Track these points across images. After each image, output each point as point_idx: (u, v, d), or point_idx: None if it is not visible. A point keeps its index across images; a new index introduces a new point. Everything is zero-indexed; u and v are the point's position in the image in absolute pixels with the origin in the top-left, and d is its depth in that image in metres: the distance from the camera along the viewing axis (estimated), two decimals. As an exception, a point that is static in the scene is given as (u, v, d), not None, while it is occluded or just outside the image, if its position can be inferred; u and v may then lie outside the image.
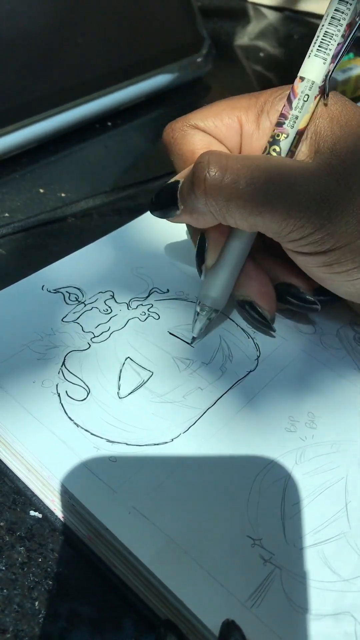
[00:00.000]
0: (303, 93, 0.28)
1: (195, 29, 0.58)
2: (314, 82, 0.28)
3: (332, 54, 0.28)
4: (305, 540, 0.24)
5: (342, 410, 0.29)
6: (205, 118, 0.30)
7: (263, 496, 0.26)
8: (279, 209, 0.26)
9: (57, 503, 0.26)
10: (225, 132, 0.30)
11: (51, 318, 0.32)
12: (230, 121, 0.30)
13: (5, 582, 0.25)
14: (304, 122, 0.28)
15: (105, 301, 0.34)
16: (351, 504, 0.26)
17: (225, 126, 0.30)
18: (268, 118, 0.29)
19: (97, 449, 0.26)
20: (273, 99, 0.29)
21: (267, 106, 0.29)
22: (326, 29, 0.27)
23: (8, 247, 0.41)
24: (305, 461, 0.27)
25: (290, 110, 0.28)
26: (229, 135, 0.30)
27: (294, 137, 0.28)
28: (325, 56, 0.28)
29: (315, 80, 0.28)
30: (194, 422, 0.28)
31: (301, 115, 0.28)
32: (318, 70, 0.28)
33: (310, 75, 0.28)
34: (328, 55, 0.28)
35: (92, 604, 0.24)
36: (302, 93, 0.28)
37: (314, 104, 0.28)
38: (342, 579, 0.23)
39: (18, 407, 0.28)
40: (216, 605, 0.22)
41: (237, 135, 0.30)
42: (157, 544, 0.24)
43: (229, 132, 0.30)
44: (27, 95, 0.47)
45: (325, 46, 0.28)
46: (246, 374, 0.31)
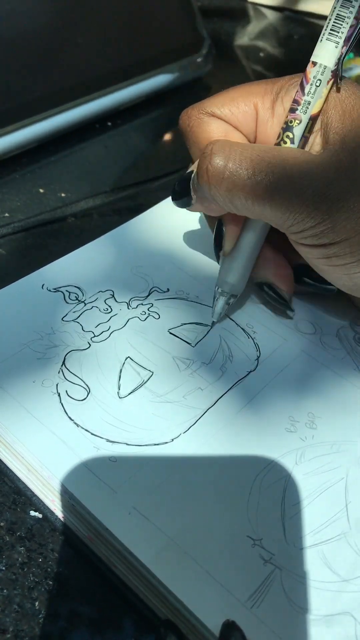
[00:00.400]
0: (315, 78, 0.28)
1: (195, 29, 0.58)
2: (327, 66, 0.28)
3: (344, 37, 0.27)
4: (306, 540, 0.24)
5: (342, 411, 0.29)
6: (222, 105, 0.30)
7: (263, 496, 0.26)
8: (279, 202, 0.26)
9: (57, 503, 0.26)
10: (241, 119, 0.30)
11: (51, 317, 0.32)
12: (247, 108, 0.30)
13: (5, 582, 0.25)
14: (317, 108, 0.28)
15: (105, 300, 0.34)
16: (351, 504, 0.26)
17: (241, 113, 0.30)
18: (282, 105, 0.29)
19: (97, 449, 0.26)
20: (288, 85, 0.29)
21: (282, 92, 0.29)
22: (338, 12, 0.27)
23: (8, 247, 0.41)
24: (305, 461, 0.27)
25: (303, 95, 0.28)
26: (244, 122, 0.30)
27: (307, 123, 0.28)
28: (338, 39, 0.27)
29: (328, 65, 0.28)
30: (194, 422, 0.28)
31: (314, 100, 0.28)
32: (330, 54, 0.28)
33: (323, 60, 0.28)
34: (340, 38, 0.27)
35: (92, 604, 0.24)
36: (314, 78, 0.28)
37: (327, 89, 0.28)
38: (342, 579, 0.23)
39: (18, 406, 0.28)
40: (216, 605, 0.22)
41: (253, 122, 0.30)
42: (157, 544, 0.24)
43: (245, 118, 0.30)
44: (27, 95, 0.47)
45: (337, 29, 0.27)
46: (246, 374, 0.31)
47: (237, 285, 0.32)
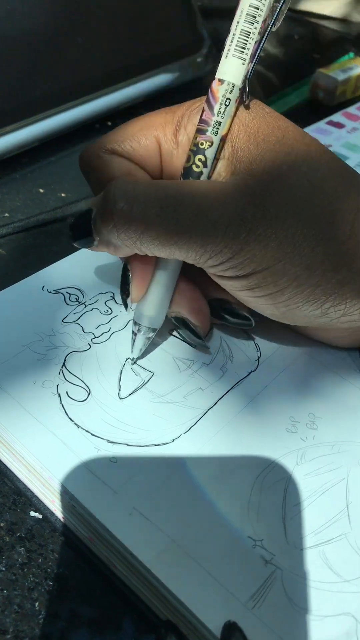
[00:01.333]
0: (224, 97, 0.26)
1: (195, 28, 0.58)
2: (235, 84, 0.26)
3: (250, 53, 0.26)
4: (307, 541, 0.24)
5: (343, 411, 0.29)
6: (122, 141, 0.28)
7: (264, 497, 0.26)
8: (193, 238, 0.25)
9: (58, 504, 0.26)
10: (143, 154, 0.28)
11: (51, 319, 0.32)
12: (148, 142, 0.28)
13: (5, 582, 0.25)
14: (226, 128, 0.27)
15: (105, 302, 0.34)
16: (352, 505, 0.26)
17: (143, 148, 0.28)
18: (186, 133, 0.28)
19: (97, 450, 0.26)
20: (190, 112, 0.28)
21: (184, 120, 0.28)
22: (243, 27, 0.26)
23: (8, 247, 0.41)
24: (306, 462, 0.27)
25: (213, 115, 0.26)
26: (147, 157, 0.28)
27: (218, 145, 0.27)
28: (244, 56, 0.26)
29: (236, 83, 0.26)
30: (194, 422, 0.28)
31: (224, 120, 0.26)
32: (238, 72, 0.26)
33: (231, 77, 0.26)
34: (247, 55, 0.26)
35: (92, 604, 0.24)
36: (223, 97, 0.26)
37: (234, 108, 0.27)
38: (343, 579, 0.23)
39: (18, 407, 0.28)
40: (217, 606, 0.22)
41: (156, 156, 0.28)
42: (158, 544, 0.24)
43: (147, 153, 0.28)
44: (27, 95, 0.47)
45: (243, 45, 0.26)
46: (247, 374, 0.31)
47: (156, 317, 0.29)
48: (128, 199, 0.25)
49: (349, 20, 0.79)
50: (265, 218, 0.25)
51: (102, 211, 0.26)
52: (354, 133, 0.55)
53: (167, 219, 0.25)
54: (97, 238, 0.27)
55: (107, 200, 0.26)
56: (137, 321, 0.30)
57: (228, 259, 0.25)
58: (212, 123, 0.26)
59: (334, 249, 0.26)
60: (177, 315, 0.30)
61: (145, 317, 0.29)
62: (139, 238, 0.25)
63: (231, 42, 0.26)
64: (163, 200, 0.25)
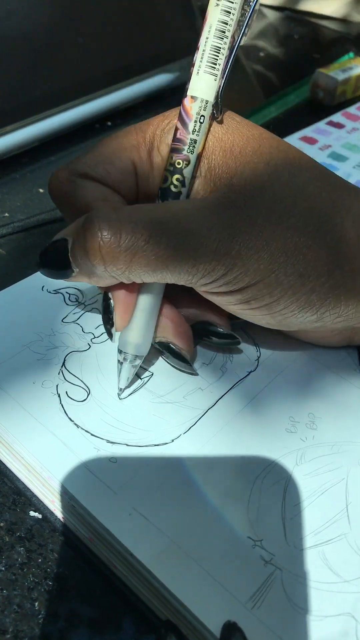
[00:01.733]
0: (198, 114, 0.26)
1: (195, 28, 0.58)
2: (208, 101, 0.26)
3: (221, 68, 0.26)
4: (306, 541, 0.24)
5: (343, 411, 0.29)
6: (95, 165, 0.27)
7: (264, 497, 0.26)
8: (185, 259, 0.24)
9: (57, 504, 0.26)
10: (119, 178, 0.27)
11: (51, 319, 0.32)
12: (123, 165, 0.27)
13: (5, 582, 0.25)
14: (202, 145, 0.26)
15: (105, 301, 0.34)
16: (352, 505, 0.26)
17: (118, 171, 0.27)
18: (159, 153, 0.27)
19: (97, 450, 0.26)
20: (161, 132, 0.27)
21: (156, 141, 0.27)
22: (213, 42, 0.25)
23: (8, 247, 0.41)
24: (305, 462, 0.27)
25: (188, 134, 0.26)
26: (123, 180, 0.27)
27: (195, 163, 0.26)
28: (215, 72, 0.26)
29: (209, 99, 0.26)
30: (194, 422, 0.28)
31: (199, 138, 0.26)
32: (210, 88, 0.26)
33: (203, 94, 0.26)
34: (218, 70, 0.26)
35: (92, 604, 0.24)
36: (197, 114, 0.26)
37: (209, 125, 0.26)
38: (342, 580, 0.23)
39: (18, 407, 0.28)
40: (217, 606, 0.22)
41: (132, 179, 0.28)
42: (158, 545, 0.24)
43: (123, 176, 0.27)
44: (27, 95, 0.47)
45: (214, 61, 0.26)
46: (246, 374, 0.31)
47: (142, 344, 0.28)
48: (113, 229, 0.24)
49: (349, 20, 0.79)
50: (254, 230, 0.24)
51: (85, 243, 0.24)
52: (354, 133, 0.55)
53: (157, 245, 0.24)
54: (76, 270, 0.26)
55: (90, 231, 0.24)
56: (123, 349, 0.28)
57: (221, 275, 0.25)
58: (188, 142, 0.26)
59: (325, 252, 0.25)
60: (161, 340, 0.29)
61: (131, 344, 0.28)
62: (128, 268, 0.25)
63: (202, 59, 0.26)
64: (151, 226, 0.24)
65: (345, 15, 0.79)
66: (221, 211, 0.25)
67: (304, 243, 0.25)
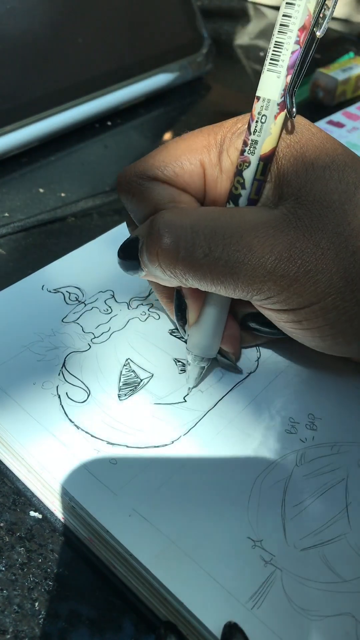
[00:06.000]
0: (260, 114, 0.25)
1: (195, 28, 0.58)
2: (270, 99, 0.25)
3: (286, 65, 0.24)
4: (306, 541, 0.24)
5: (343, 412, 0.29)
6: (164, 166, 0.27)
7: (263, 498, 0.26)
8: (241, 277, 0.24)
9: (58, 505, 0.26)
10: (187, 179, 0.27)
11: (51, 319, 0.32)
12: (192, 167, 0.26)
13: (5, 582, 0.25)
14: (268, 146, 0.25)
15: (105, 301, 0.34)
16: (352, 506, 0.26)
17: (187, 173, 0.26)
18: (229, 157, 0.26)
19: (97, 451, 0.26)
20: (232, 135, 0.26)
21: (226, 144, 0.26)
22: (276, 39, 0.24)
23: (8, 247, 0.41)
24: (305, 463, 0.27)
25: (250, 134, 0.25)
26: (191, 182, 0.27)
27: (257, 165, 0.25)
28: (279, 69, 0.24)
29: (272, 98, 0.25)
30: (194, 424, 0.28)
31: (261, 139, 0.25)
32: (273, 86, 0.24)
33: (266, 93, 0.25)
34: (282, 67, 0.24)
35: (92, 604, 0.24)
36: (259, 114, 0.25)
37: (276, 125, 0.25)
38: (342, 580, 0.23)
39: (18, 408, 0.28)
40: (217, 606, 0.22)
41: (200, 181, 0.27)
42: (158, 545, 0.24)
43: (191, 178, 0.27)
44: (27, 95, 0.47)
45: (277, 58, 0.24)
46: (247, 375, 0.31)
47: (211, 347, 0.29)
48: (176, 236, 0.24)
49: (350, 21, 0.79)
50: (317, 253, 0.24)
51: (148, 247, 0.25)
52: (354, 133, 0.54)
53: (214, 258, 0.24)
54: (145, 269, 0.26)
55: (151, 236, 0.25)
56: (192, 352, 0.29)
57: (276, 294, 0.24)
58: (249, 142, 0.25)
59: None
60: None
61: (200, 347, 0.29)
62: (185, 276, 0.25)
63: (267, 57, 0.24)
64: (211, 237, 0.24)
65: (346, 15, 0.79)
66: (285, 228, 0.24)
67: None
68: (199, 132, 0.27)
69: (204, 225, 0.24)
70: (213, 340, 0.29)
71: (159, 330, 0.32)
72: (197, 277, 0.24)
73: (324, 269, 0.24)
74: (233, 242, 0.24)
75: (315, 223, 0.24)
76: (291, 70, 0.24)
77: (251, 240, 0.24)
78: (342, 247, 0.24)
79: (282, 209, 0.24)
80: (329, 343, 0.26)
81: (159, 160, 0.27)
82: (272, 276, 0.24)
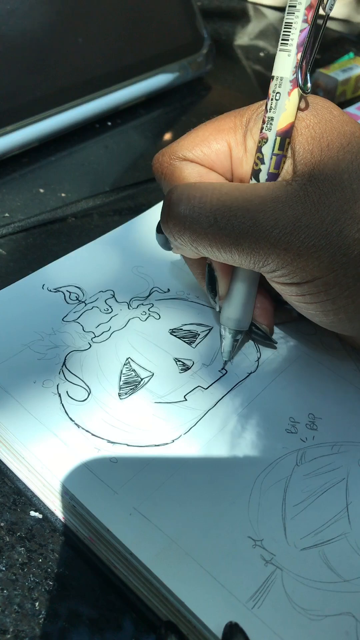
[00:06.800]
0: (274, 92, 0.26)
1: (195, 28, 0.58)
2: (283, 77, 0.26)
3: (295, 44, 0.25)
4: (306, 541, 0.24)
5: (343, 412, 0.29)
6: (193, 147, 0.28)
7: (264, 497, 0.26)
8: (245, 247, 0.25)
9: (58, 504, 0.26)
10: (214, 159, 0.28)
11: (52, 318, 0.32)
12: (219, 146, 0.28)
13: (6, 582, 0.25)
14: (284, 122, 0.26)
15: (105, 300, 0.34)
16: (352, 505, 0.26)
17: (214, 152, 0.28)
18: (252, 137, 0.28)
19: (98, 450, 0.26)
20: (255, 116, 0.28)
21: (250, 124, 0.28)
22: (286, 20, 0.25)
23: (8, 247, 0.41)
24: (306, 462, 0.27)
25: (266, 112, 0.27)
26: (218, 162, 0.29)
27: (274, 140, 0.26)
28: (289, 47, 0.26)
29: (284, 76, 0.26)
30: (194, 423, 0.28)
31: (276, 115, 0.26)
32: (285, 64, 0.26)
33: (278, 72, 0.26)
34: (292, 46, 0.25)
35: (92, 604, 0.24)
36: (273, 92, 0.26)
37: (289, 102, 0.26)
38: (343, 579, 0.23)
39: (19, 407, 0.28)
40: (217, 606, 0.22)
41: (227, 160, 0.29)
42: (158, 544, 0.24)
43: (218, 157, 0.28)
44: (27, 95, 0.47)
45: (287, 37, 0.25)
46: (247, 375, 0.31)
47: (243, 320, 0.30)
48: (185, 204, 0.26)
49: (350, 21, 0.79)
50: (321, 229, 0.24)
51: (162, 214, 0.27)
52: (353, 133, 0.54)
53: (220, 228, 0.25)
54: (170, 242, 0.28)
55: (165, 205, 0.27)
56: (225, 325, 0.31)
57: (281, 267, 0.25)
58: (266, 119, 0.27)
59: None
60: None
61: (233, 320, 0.30)
62: (194, 243, 0.26)
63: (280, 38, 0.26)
64: (218, 208, 0.25)
65: (346, 15, 0.79)
66: (293, 204, 0.25)
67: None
68: (227, 115, 0.29)
69: (212, 197, 0.26)
70: (244, 313, 0.30)
71: (160, 330, 0.32)
72: (204, 245, 0.26)
73: (327, 244, 0.24)
74: (239, 215, 0.25)
75: (323, 200, 0.25)
76: (301, 48, 0.25)
77: (257, 213, 0.25)
78: (346, 225, 0.25)
79: (294, 185, 0.25)
80: (331, 319, 0.27)
81: (189, 141, 0.29)
82: (275, 249, 0.25)
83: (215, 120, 0.29)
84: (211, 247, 0.26)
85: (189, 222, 0.26)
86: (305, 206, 0.25)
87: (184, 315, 0.33)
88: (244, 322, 0.30)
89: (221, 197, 0.26)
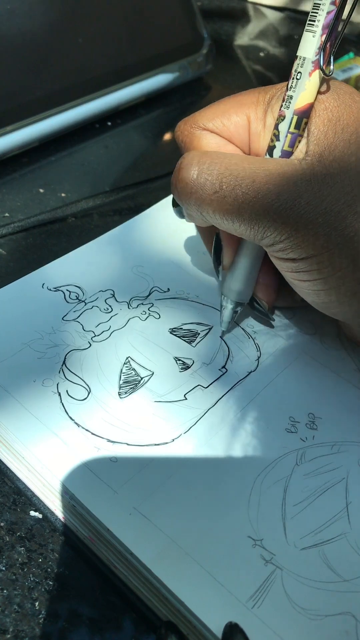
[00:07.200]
0: (296, 71, 0.27)
1: (195, 28, 0.58)
2: (306, 57, 0.26)
3: (321, 25, 0.26)
4: (306, 540, 0.24)
5: (343, 411, 0.29)
6: (213, 118, 0.29)
7: (264, 497, 0.26)
8: (246, 217, 0.26)
9: (58, 504, 0.26)
10: (233, 131, 0.29)
11: (52, 317, 0.32)
12: (238, 119, 0.29)
13: (6, 582, 0.25)
14: (302, 101, 0.27)
15: (105, 300, 0.34)
16: (352, 505, 0.26)
17: (233, 124, 0.29)
18: (272, 114, 0.28)
19: (97, 449, 0.26)
20: (279, 94, 0.28)
21: (272, 101, 0.29)
22: (314, 1, 0.26)
23: (8, 247, 0.41)
24: (306, 462, 0.27)
25: (287, 90, 0.27)
26: (236, 134, 0.29)
27: (290, 119, 0.27)
28: (315, 29, 0.26)
29: (307, 56, 0.26)
30: (194, 422, 0.28)
31: (296, 94, 0.27)
32: (309, 45, 0.26)
33: (302, 52, 0.27)
34: (317, 27, 0.26)
35: (92, 604, 0.24)
36: (295, 71, 0.27)
37: (310, 82, 0.27)
38: (342, 579, 0.23)
39: (19, 406, 0.28)
40: (217, 605, 0.22)
41: (245, 133, 0.29)
42: (158, 544, 0.24)
43: (237, 130, 0.29)
44: (27, 95, 0.47)
45: (314, 18, 0.26)
46: (247, 374, 0.31)
47: (243, 292, 0.31)
48: (193, 170, 0.26)
49: (350, 21, 0.79)
50: (320, 207, 0.25)
51: (172, 178, 0.28)
52: (354, 133, 0.54)
53: (224, 195, 0.26)
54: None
55: (176, 169, 0.27)
56: (225, 294, 0.32)
57: (278, 241, 0.26)
58: (286, 97, 0.27)
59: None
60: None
61: (234, 292, 0.31)
62: (199, 208, 0.27)
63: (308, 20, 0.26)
64: (225, 176, 0.26)
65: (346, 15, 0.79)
66: (298, 181, 0.25)
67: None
68: (251, 90, 0.30)
69: (221, 165, 0.26)
70: (245, 286, 0.31)
71: (159, 329, 0.32)
72: (208, 211, 0.27)
73: (324, 222, 0.25)
74: (243, 185, 0.26)
75: (327, 180, 0.25)
76: (326, 30, 0.26)
77: (261, 186, 0.25)
78: (345, 205, 0.25)
79: (302, 164, 0.26)
80: (322, 299, 0.28)
81: (211, 112, 0.30)
82: (274, 222, 0.25)
83: (240, 94, 0.30)
84: (214, 213, 0.27)
85: (195, 186, 0.26)
86: (310, 184, 0.25)
87: (184, 315, 0.33)
88: (244, 295, 0.31)
89: (230, 166, 0.26)
